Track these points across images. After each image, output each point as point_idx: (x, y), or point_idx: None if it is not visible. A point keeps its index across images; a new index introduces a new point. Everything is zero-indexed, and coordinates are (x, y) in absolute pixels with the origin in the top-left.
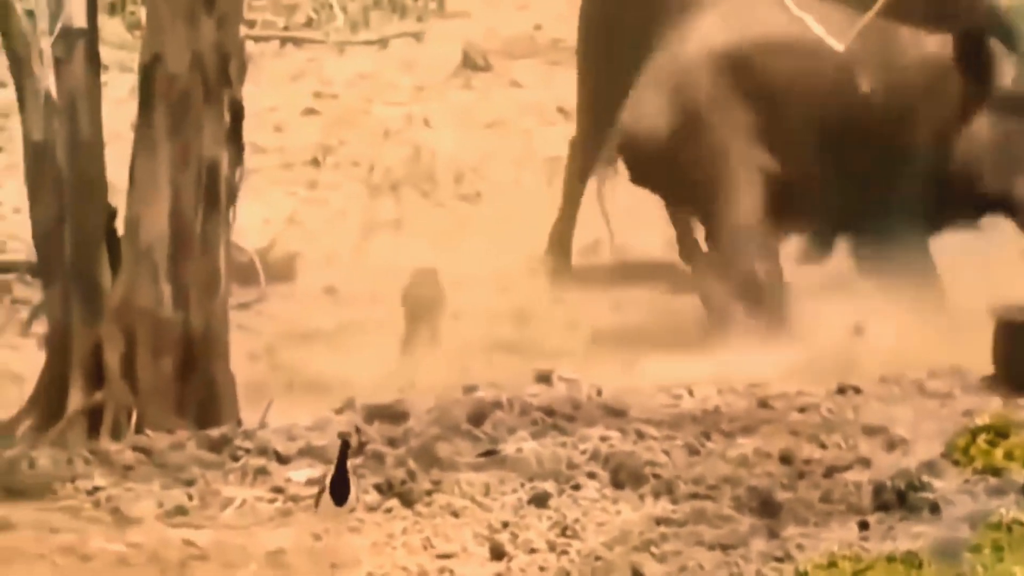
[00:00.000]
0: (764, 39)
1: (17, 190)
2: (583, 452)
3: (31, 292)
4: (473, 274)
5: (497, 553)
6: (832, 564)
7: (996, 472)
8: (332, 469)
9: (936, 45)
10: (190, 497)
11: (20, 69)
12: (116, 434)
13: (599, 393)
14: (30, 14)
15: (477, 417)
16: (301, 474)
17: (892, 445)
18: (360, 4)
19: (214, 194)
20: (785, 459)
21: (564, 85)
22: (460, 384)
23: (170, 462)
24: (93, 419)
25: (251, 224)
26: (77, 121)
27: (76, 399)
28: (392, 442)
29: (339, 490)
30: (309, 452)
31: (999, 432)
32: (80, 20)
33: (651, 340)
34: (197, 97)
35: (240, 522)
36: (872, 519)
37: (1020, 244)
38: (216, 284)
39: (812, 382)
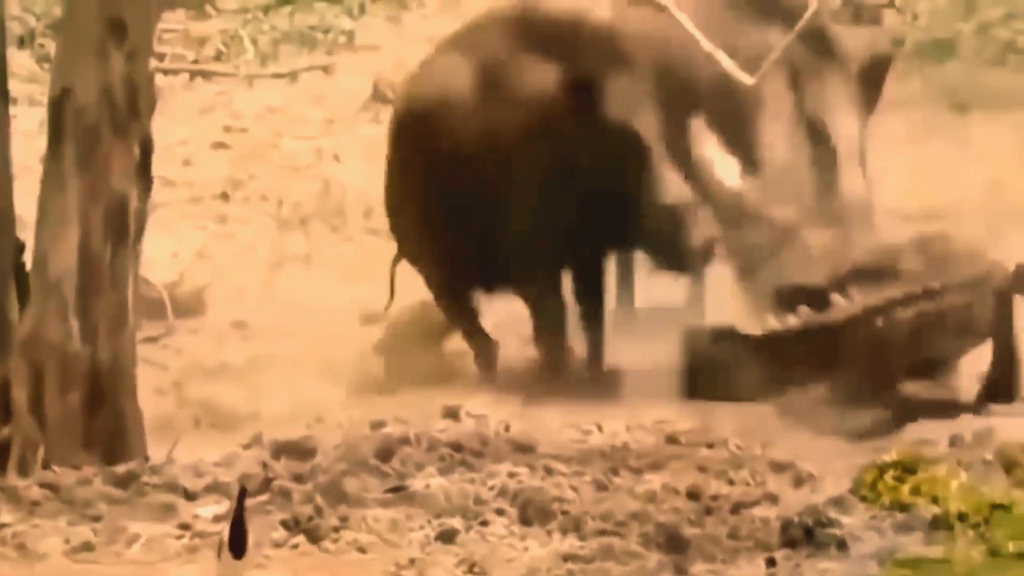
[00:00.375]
0: None
1: None
2: (491, 488)
3: None
4: (380, 307)
5: None
6: None
7: (903, 508)
8: (230, 518)
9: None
10: (96, 533)
11: None
12: (23, 470)
13: (507, 429)
14: None
15: (385, 453)
16: (208, 510)
17: (800, 481)
18: (270, 37)
19: (123, 228)
20: (693, 495)
21: None
22: (367, 419)
23: (77, 498)
24: (0, 455)
25: (160, 258)
26: None
27: None
28: (299, 478)
29: (238, 541)
30: (216, 488)
31: (906, 468)
32: None
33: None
34: (106, 131)
35: (147, 558)
36: (779, 555)
37: None
38: (124, 319)
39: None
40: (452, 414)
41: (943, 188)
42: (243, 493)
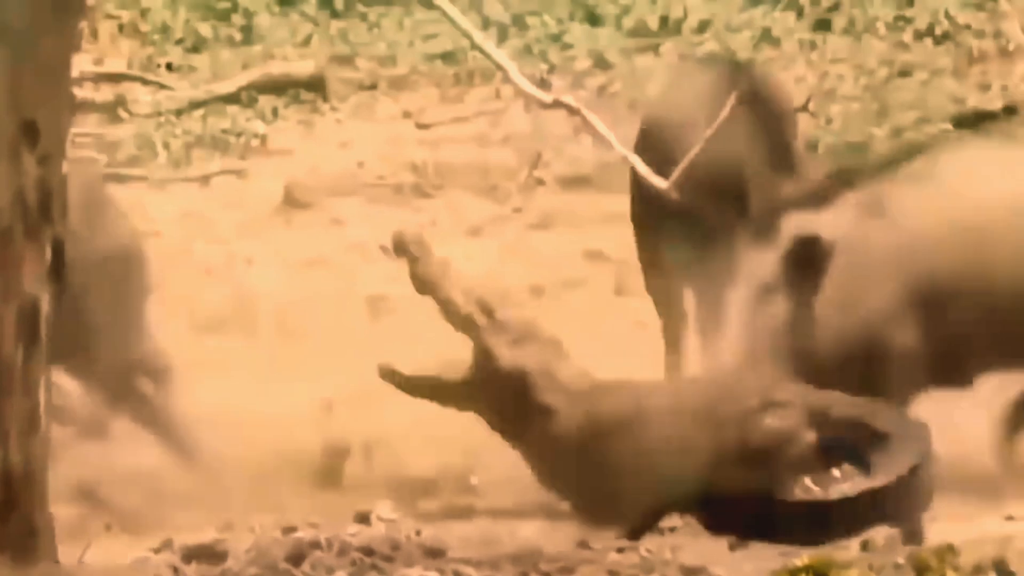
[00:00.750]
0: None
1: None
2: None
3: None
4: (295, 412)
5: None
6: None
7: None
8: None
9: None
10: None
11: None
12: None
13: (418, 533)
14: None
15: (296, 557)
16: None
17: None
18: (182, 141)
19: (34, 331)
20: None
21: (386, 223)
22: (279, 524)
23: None
24: None
25: None
26: None
27: None
28: None
29: None
30: None
31: (818, 572)
32: None
33: None
34: (18, 233)
35: None
36: None
37: None
38: (36, 423)
39: None
40: (363, 518)
41: None
42: None
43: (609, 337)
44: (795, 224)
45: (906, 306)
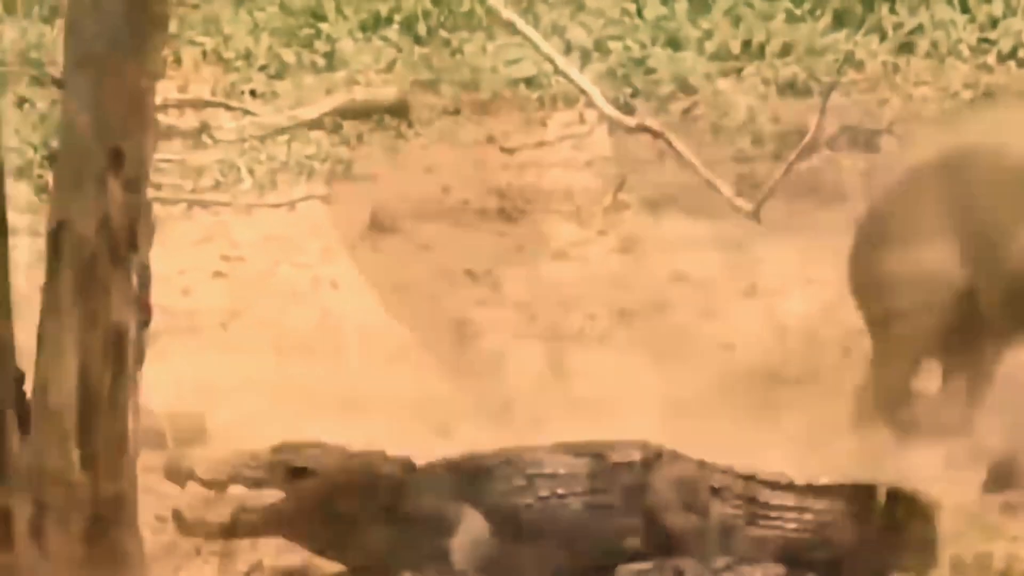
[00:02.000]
0: None
1: None
2: None
3: None
4: (380, 438)
5: None
6: None
7: None
8: None
9: None
10: None
11: None
12: None
13: None
14: None
15: None
16: None
17: None
18: (267, 167)
19: (121, 357)
20: None
21: (472, 247)
22: None
23: None
24: None
25: (160, 387)
26: None
27: None
28: None
29: None
30: None
31: None
32: None
33: None
34: (104, 261)
35: None
36: None
37: None
38: (124, 447)
39: None
40: None
41: None
42: None
43: (696, 360)
44: None
45: None
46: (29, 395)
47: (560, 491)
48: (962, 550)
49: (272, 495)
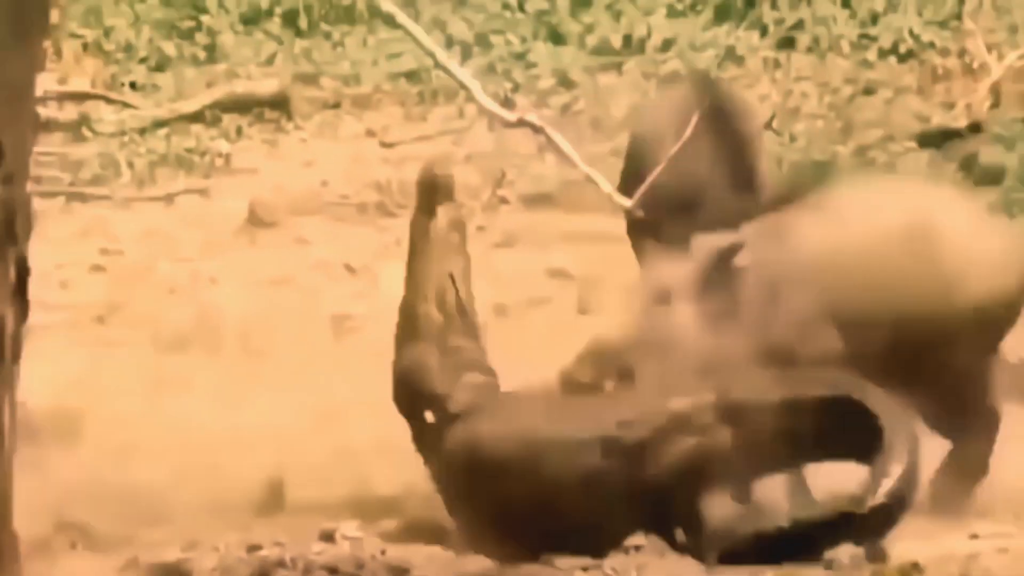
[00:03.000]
0: None
1: None
2: None
3: None
4: (257, 430)
5: None
6: None
7: None
8: None
9: None
10: None
11: None
12: None
13: (383, 552)
14: None
15: None
16: None
17: None
18: (147, 160)
19: None
20: None
21: (350, 242)
22: (244, 543)
23: None
24: None
25: (37, 382)
26: None
27: None
28: None
29: None
30: None
31: None
32: None
33: None
34: None
35: None
36: None
37: None
38: (0, 442)
39: None
40: (328, 537)
41: None
42: None
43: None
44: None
45: (818, 326)
46: None
47: None
48: None
49: None
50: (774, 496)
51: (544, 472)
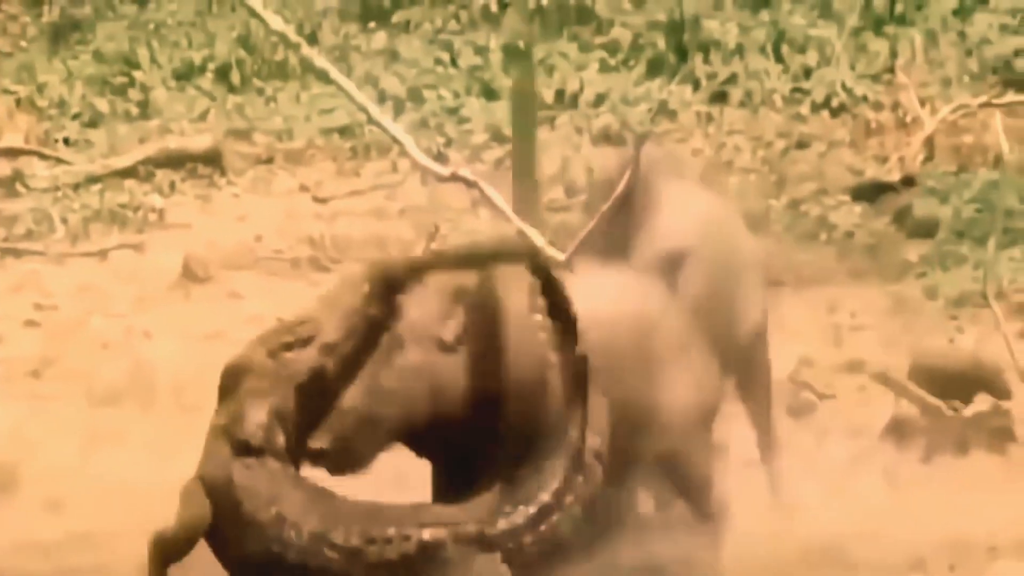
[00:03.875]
0: None
1: None
2: None
3: None
4: None
5: None
6: None
7: None
8: None
9: None
10: None
11: None
12: None
13: None
14: None
15: None
16: None
17: None
18: (80, 216)
19: None
20: None
21: (284, 296)
22: None
23: None
24: None
25: None
26: None
27: None
28: None
29: None
30: None
31: None
32: None
33: None
34: None
35: None
36: None
37: None
38: None
39: None
40: None
41: None
42: None
43: None
44: None
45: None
46: None
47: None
48: None
49: None
50: None
51: None
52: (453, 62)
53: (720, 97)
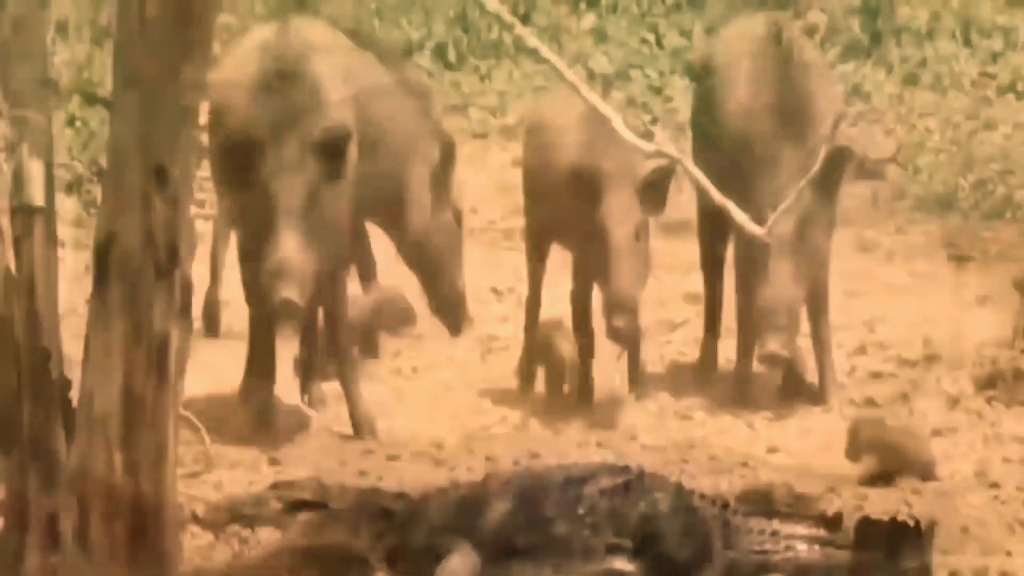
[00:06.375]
0: None
1: None
2: None
3: None
4: None
5: None
6: None
7: None
8: None
9: None
10: None
11: None
12: None
13: None
14: None
15: None
16: None
17: None
18: None
19: (163, 367)
20: None
21: (498, 265)
22: None
23: None
24: None
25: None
26: (34, 296)
27: (32, 564)
28: None
29: None
30: None
31: None
32: (39, 199)
33: None
34: (148, 274)
35: None
36: None
37: None
38: (165, 453)
39: None
40: None
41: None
42: None
43: None
44: None
45: None
46: (75, 403)
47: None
48: (960, 565)
49: (270, 532)
50: None
51: None
52: (658, 43)
53: (911, 79)
